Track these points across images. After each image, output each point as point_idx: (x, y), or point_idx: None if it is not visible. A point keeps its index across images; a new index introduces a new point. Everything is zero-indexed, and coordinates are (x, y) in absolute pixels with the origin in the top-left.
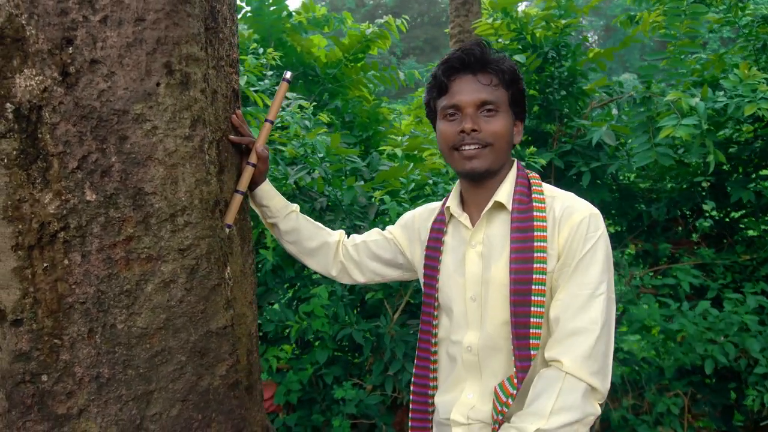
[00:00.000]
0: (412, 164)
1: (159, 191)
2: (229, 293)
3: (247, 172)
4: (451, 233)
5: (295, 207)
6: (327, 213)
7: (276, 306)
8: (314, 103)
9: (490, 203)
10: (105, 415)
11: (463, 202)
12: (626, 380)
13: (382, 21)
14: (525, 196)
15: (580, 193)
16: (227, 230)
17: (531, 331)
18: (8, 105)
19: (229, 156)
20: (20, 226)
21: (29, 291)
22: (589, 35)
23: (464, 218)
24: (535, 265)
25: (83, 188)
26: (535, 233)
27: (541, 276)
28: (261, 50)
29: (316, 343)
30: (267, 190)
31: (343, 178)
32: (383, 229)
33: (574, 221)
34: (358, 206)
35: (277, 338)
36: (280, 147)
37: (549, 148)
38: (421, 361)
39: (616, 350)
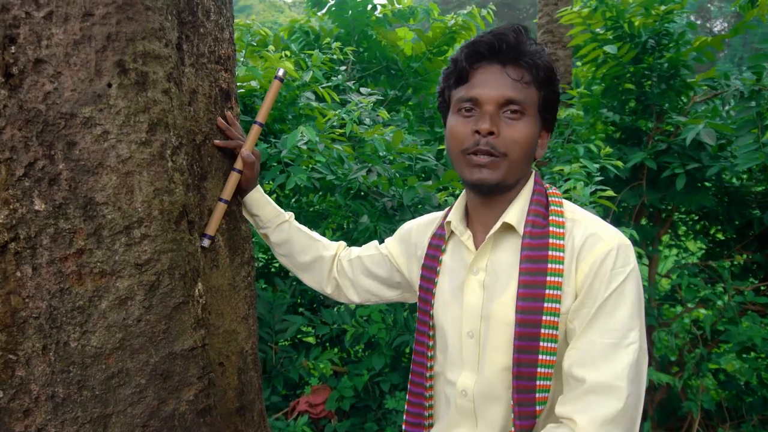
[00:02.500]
0: None
1: (111, 201)
2: (200, 312)
3: (232, 179)
4: (451, 252)
5: (289, 216)
6: (395, 213)
7: (341, 308)
8: (394, 97)
9: (498, 224)
10: None
11: (468, 218)
12: (724, 406)
13: (466, 12)
14: (541, 217)
15: (675, 197)
16: (206, 242)
17: (538, 383)
18: None
19: (214, 161)
20: None
21: None
22: (717, 23)
23: (467, 237)
24: (546, 305)
25: (32, 197)
26: (549, 265)
27: (552, 318)
28: (333, 45)
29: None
30: (257, 198)
31: (405, 177)
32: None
33: (597, 253)
34: (430, 206)
35: (336, 341)
36: (336, 146)
37: (643, 147)
38: (414, 397)
39: (716, 371)
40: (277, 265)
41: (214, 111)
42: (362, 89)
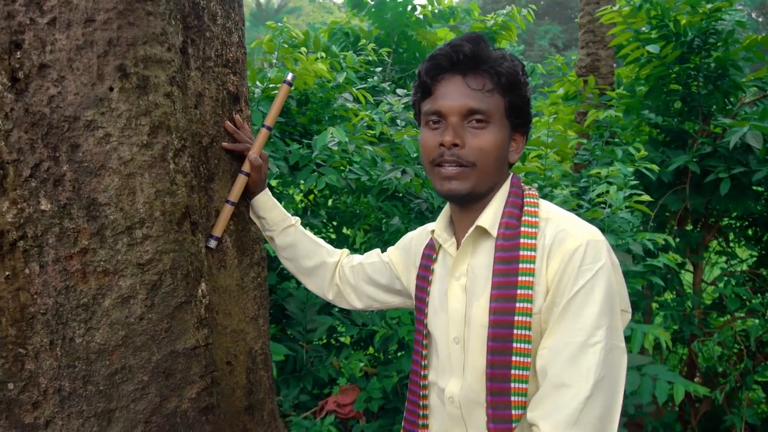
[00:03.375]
0: None
1: (113, 202)
2: (203, 311)
3: (239, 182)
4: (440, 261)
5: (295, 221)
6: (429, 215)
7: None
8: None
9: (471, 228)
10: (69, 429)
11: (453, 225)
12: None
13: (505, 12)
14: (514, 219)
15: (720, 201)
16: (213, 243)
17: (512, 385)
18: None
19: (222, 163)
20: None
21: None
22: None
23: (449, 244)
24: (518, 305)
25: (38, 197)
26: (521, 265)
27: (525, 318)
28: (369, 46)
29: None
30: (264, 201)
31: None
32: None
33: (566, 249)
34: None
35: (368, 342)
36: (366, 147)
37: (687, 150)
38: (410, 404)
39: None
40: None
41: (221, 114)
42: (398, 90)
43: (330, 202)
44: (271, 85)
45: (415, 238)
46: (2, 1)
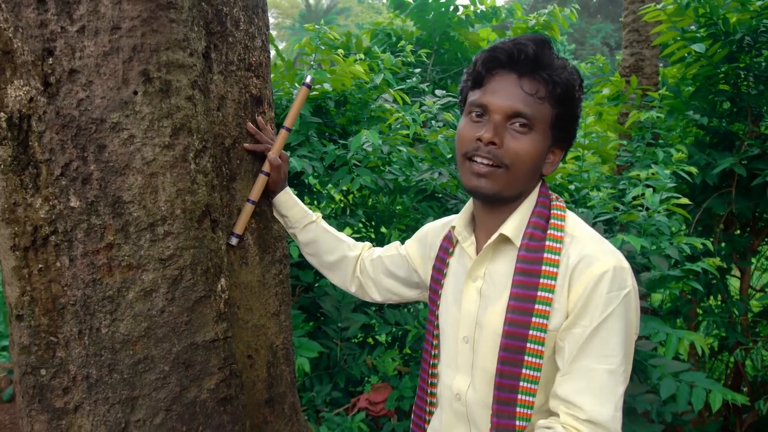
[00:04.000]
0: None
1: (137, 200)
2: (222, 306)
3: (260, 181)
4: (457, 256)
5: (316, 217)
6: None
7: (404, 309)
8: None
9: (495, 236)
10: (95, 414)
11: (474, 223)
12: None
13: (547, 11)
14: (539, 230)
15: (767, 205)
16: (234, 240)
17: (519, 396)
18: (1, 114)
19: (244, 163)
20: (16, 229)
21: (27, 289)
22: None
23: (468, 244)
24: (534, 319)
25: (68, 195)
26: (542, 280)
27: (539, 333)
28: (407, 47)
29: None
30: (285, 200)
31: None
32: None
33: (592, 274)
34: None
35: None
36: (402, 148)
37: (735, 152)
38: (420, 391)
39: None
40: None
41: (243, 116)
42: (437, 91)
43: (369, 202)
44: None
45: (431, 231)
46: (36, 10)
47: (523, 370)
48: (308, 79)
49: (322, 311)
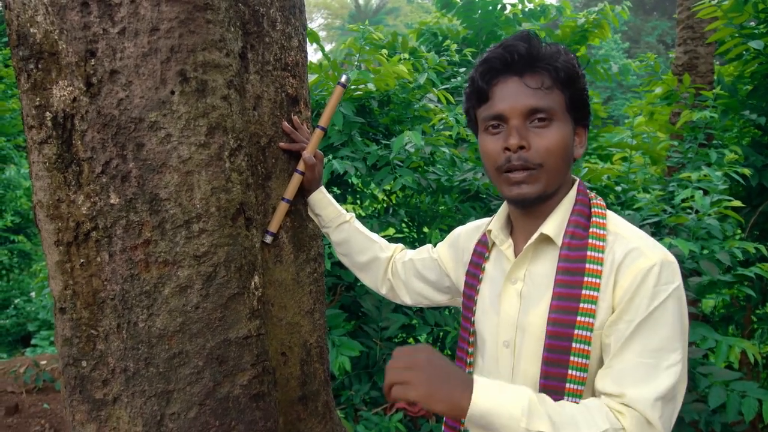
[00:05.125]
0: (586, 169)
1: (173, 198)
2: (255, 303)
3: (295, 180)
4: (493, 260)
5: (349, 217)
6: None
7: (444, 311)
8: None
9: (536, 235)
10: (133, 406)
11: (510, 226)
12: None
13: (598, 9)
14: (581, 229)
15: None
16: (269, 238)
17: (565, 399)
18: (47, 114)
19: (279, 162)
20: (60, 224)
21: (69, 283)
22: None
23: (506, 246)
24: (579, 318)
25: (108, 192)
26: (586, 278)
27: (585, 332)
28: (452, 47)
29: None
30: (320, 199)
31: None
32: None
33: (638, 269)
34: None
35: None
36: (444, 149)
37: None
38: None
39: None
40: None
41: (279, 115)
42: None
43: (411, 202)
44: (352, 86)
45: (464, 235)
46: (79, 13)
47: (569, 371)
48: (343, 79)
49: (363, 310)
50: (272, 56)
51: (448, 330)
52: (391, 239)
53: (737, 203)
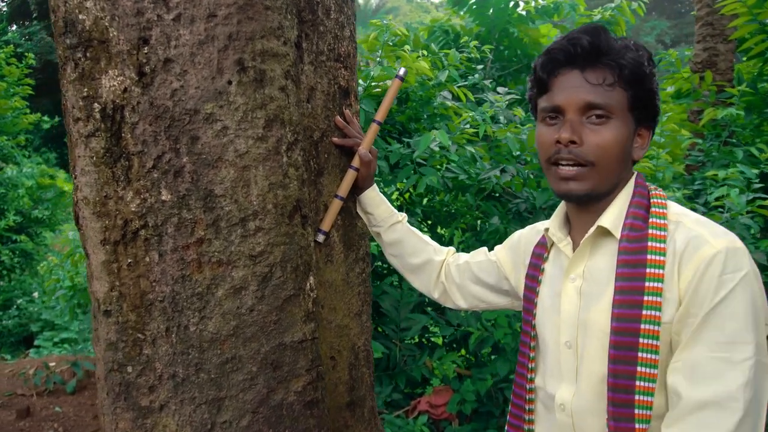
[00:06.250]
0: None
1: (229, 194)
2: (310, 305)
3: (349, 177)
4: (552, 260)
5: (402, 217)
6: (528, 215)
7: (467, 311)
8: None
9: (593, 228)
10: (181, 414)
11: (569, 224)
12: None
13: (614, 5)
14: (640, 220)
15: None
16: (321, 237)
17: (636, 397)
18: (96, 105)
19: (331, 158)
20: (107, 222)
21: (115, 285)
22: None
23: (564, 244)
24: (644, 312)
25: (159, 188)
26: (648, 270)
27: (652, 327)
28: (471, 43)
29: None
30: (372, 197)
31: (539, 178)
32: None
33: (702, 257)
34: None
35: (461, 343)
36: (469, 147)
37: None
38: (515, 408)
39: None
40: None
41: (332, 108)
42: (499, 88)
43: (425, 201)
44: (373, 83)
45: (524, 237)
46: None
47: (638, 368)
48: (402, 72)
49: (381, 311)
50: (326, 46)
51: (471, 330)
52: None
53: None
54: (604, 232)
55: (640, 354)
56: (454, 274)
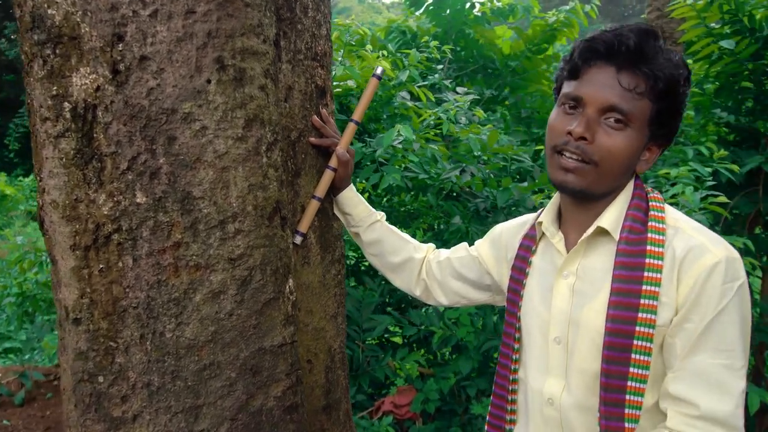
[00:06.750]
0: None
1: (208, 196)
2: (290, 308)
3: (326, 177)
4: (541, 254)
5: (381, 216)
6: (488, 214)
7: (429, 309)
8: (490, 97)
9: (592, 229)
10: (156, 424)
11: (560, 219)
12: None
13: (568, 8)
14: (639, 223)
15: None
16: (299, 239)
17: (627, 397)
18: (66, 104)
19: (308, 158)
20: (77, 226)
21: (86, 291)
22: None
23: (558, 240)
24: (640, 314)
25: (134, 190)
26: (646, 273)
27: (647, 329)
28: (431, 43)
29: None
30: (350, 197)
31: (499, 178)
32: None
33: (703, 266)
34: (525, 208)
35: (422, 342)
36: (431, 145)
37: (761, 150)
38: (497, 399)
39: None
40: (366, 263)
41: (309, 108)
42: (458, 88)
43: (384, 201)
44: (335, 83)
45: (506, 231)
46: None
47: (631, 369)
48: (379, 71)
49: None
50: (304, 45)
51: (434, 330)
52: None
53: (724, 199)
54: (601, 233)
55: (633, 355)
56: (435, 271)
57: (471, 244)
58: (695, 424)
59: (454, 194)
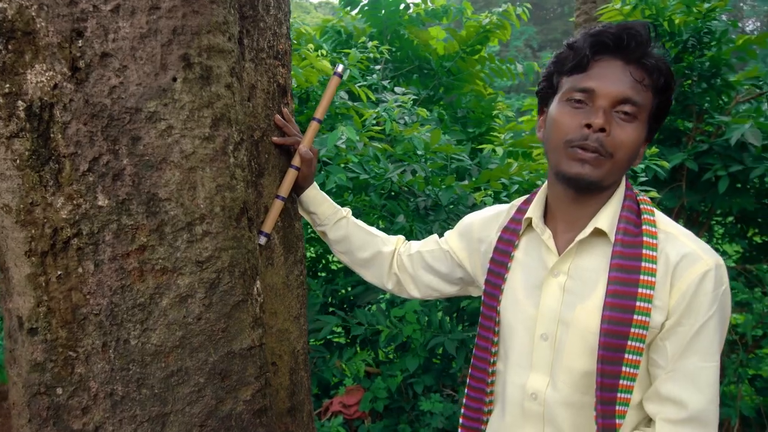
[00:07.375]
0: (516, 164)
1: (174, 197)
2: (258, 310)
3: (289, 176)
4: (525, 249)
5: (346, 212)
6: (429, 213)
7: (374, 308)
8: (426, 97)
9: (589, 229)
10: None
11: (547, 214)
12: (763, 412)
13: (501, 10)
14: (633, 225)
15: (716, 199)
16: (263, 239)
17: (618, 395)
18: (20, 103)
19: (271, 158)
20: (33, 231)
21: (43, 299)
22: (750, 22)
23: (547, 236)
24: (636, 317)
25: (95, 192)
26: (642, 276)
27: (641, 331)
28: (369, 43)
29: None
30: (314, 196)
31: (442, 177)
32: (441, 235)
33: (696, 273)
34: (464, 206)
35: (367, 342)
36: (375, 143)
37: (682, 148)
38: (474, 391)
39: (754, 378)
40: (307, 264)
41: (271, 107)
42: (396, 88)
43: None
44: None
45: (477, 223)
46: None
47: (623, 368)
48: (339, 69)
49: None
50: (266, 43)
51: (381, 329)
52: (309, 239)
53: (654, 194)
54: (597, 233)
55: (626, 356)
56: (406, 264)
57: (440, 235)
58: (683, 427)
59: (393, 193)
